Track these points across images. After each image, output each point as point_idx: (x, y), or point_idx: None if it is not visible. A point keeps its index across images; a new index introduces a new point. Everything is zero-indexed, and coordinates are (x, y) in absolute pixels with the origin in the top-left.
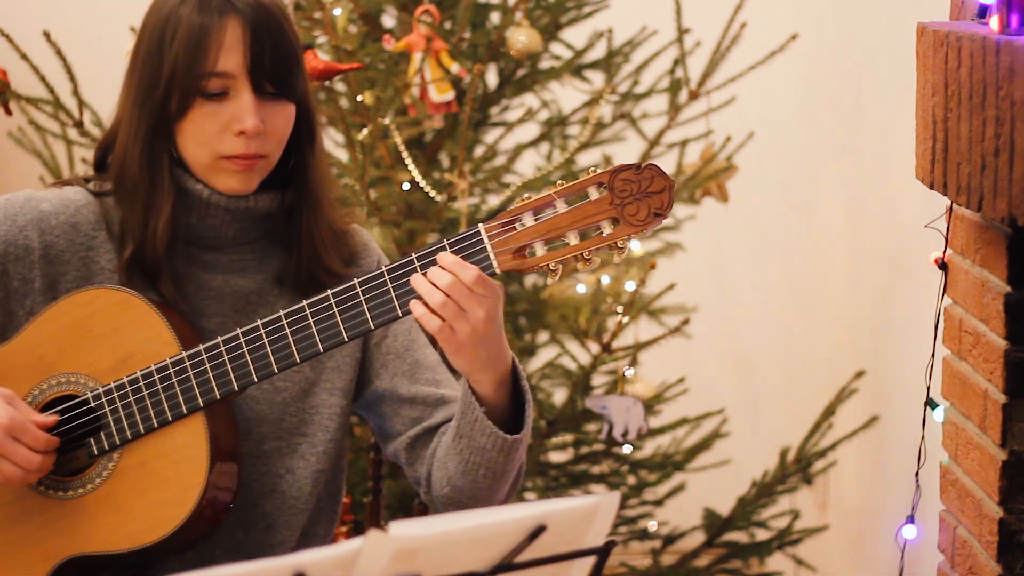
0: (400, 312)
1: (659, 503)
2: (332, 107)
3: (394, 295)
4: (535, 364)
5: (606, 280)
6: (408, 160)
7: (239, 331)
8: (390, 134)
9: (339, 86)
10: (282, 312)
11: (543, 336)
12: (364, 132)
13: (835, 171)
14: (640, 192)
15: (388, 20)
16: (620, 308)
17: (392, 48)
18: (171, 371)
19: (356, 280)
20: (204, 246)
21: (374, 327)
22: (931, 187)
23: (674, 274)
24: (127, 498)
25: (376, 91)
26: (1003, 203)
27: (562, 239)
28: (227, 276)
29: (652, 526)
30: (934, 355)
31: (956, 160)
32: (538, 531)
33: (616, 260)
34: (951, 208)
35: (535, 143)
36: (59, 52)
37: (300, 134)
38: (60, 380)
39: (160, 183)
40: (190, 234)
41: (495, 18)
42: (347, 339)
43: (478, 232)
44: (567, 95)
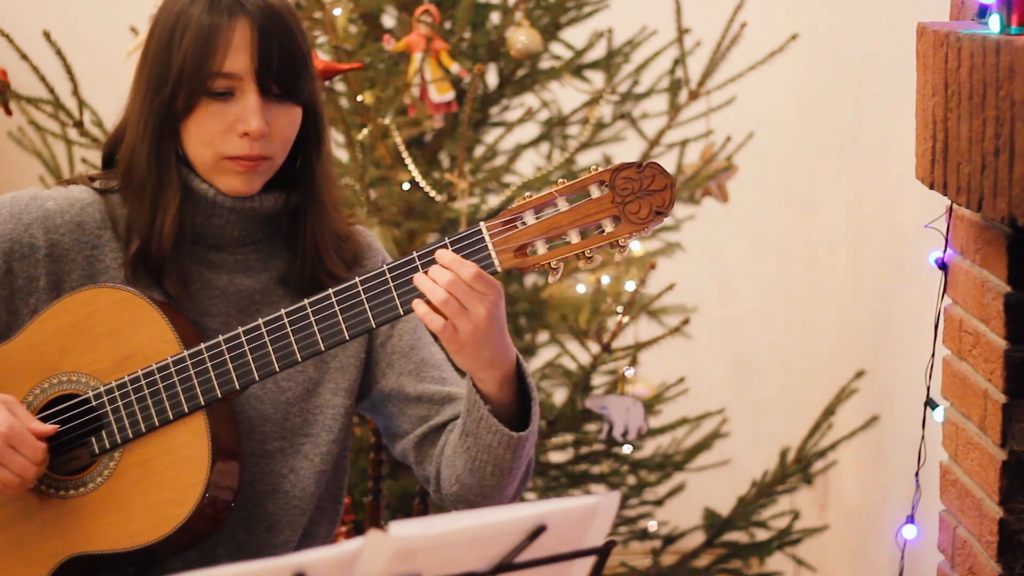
0: (401, 310)
1: (659, 503)
2: (332, 107)
3: (395, 293)
4: (535, 364)
5: (606, 280)
6: (408, 160)
7: (240, 330)
8: (390, 134)
9: (339, 86)
10: (284, 311)
11: (543, 336)
12: (364, 132)
13: (835, 171)
14: (641, 190)
15: (388, 20)
16: (620, 308)
17: (392, 48)
18: (172, 370)
19: (358, 279)
20: (209, 245)
21: (375, 325)
22: (931, 187)
23: (674, 274)
24: (128, 497)
25: (376, 91)
26: (1003, 203)
27: (563, 237)
28: (231, 276)
29: (652, 526)
30: (934, 355)
31: (956, 160)
32: (538, 531)
33: (617, 258)
34: (951, 208)
35: (535, 143)
36: (59, 52)
37: (307, 136)
38: (61, 379)
39: (167, 181)
40: (195, 233)
41: (495, 18)
42: (348, 337)
43: (479, 230)
44: (567, 95)
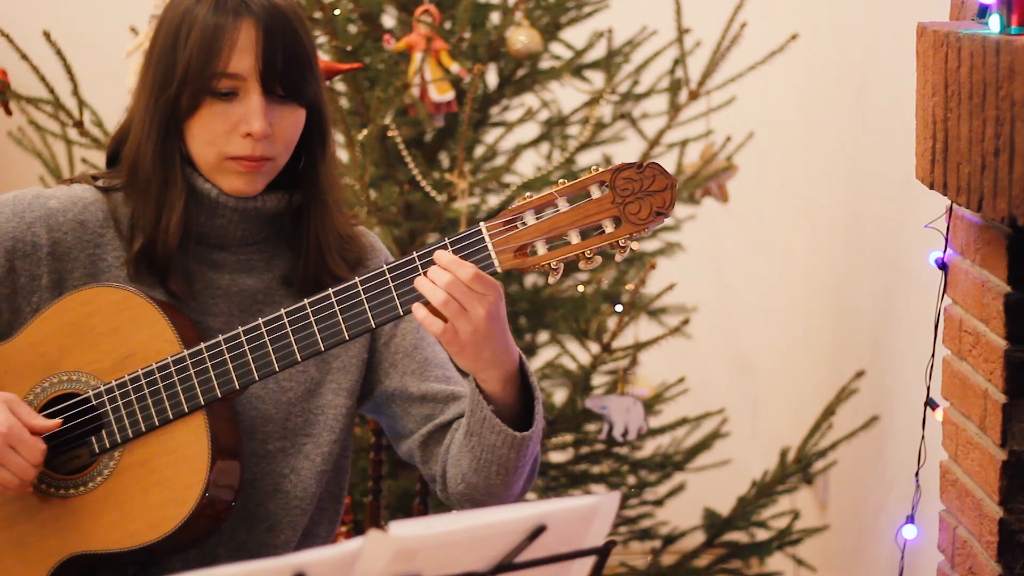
0: (401, 311)
1: (659, 503)
2: (332, 107)
3: (395, 294)
4: (535, 364)
5: (606, 280)
6: (408, 160)
7: (240, 329)
8: (390, 134)
9: (339, 86)
10: (283, 311)
11: (543, 336)
12: (364, 132)
13: (835, 171)
14: (642, 191)
15: (388, 20)
16: (620, 308)
17: (392, 48)
18: (172, 369)
19: (358, 279)
20: (212, 245)
21: (375, 325)
22: (931, 187)
23: (674, 274)
24: (128, 496)
25: (376, 91)
26: (1003, 203)
27: (564, 238)
28: (234, 275)
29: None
30: (934, 355)
31: (956, 160)
32: (538, 531)
33: (618, 259)
34: (951, 208)
35: (535, 143)
36: (59, 52)
37: (311, 137)
38: (62, 378)
39: (173, 180)
40: (198, 233)
41: (495, 18)
42: (348, 338)
43: (479, 231)
44: (567, 95)
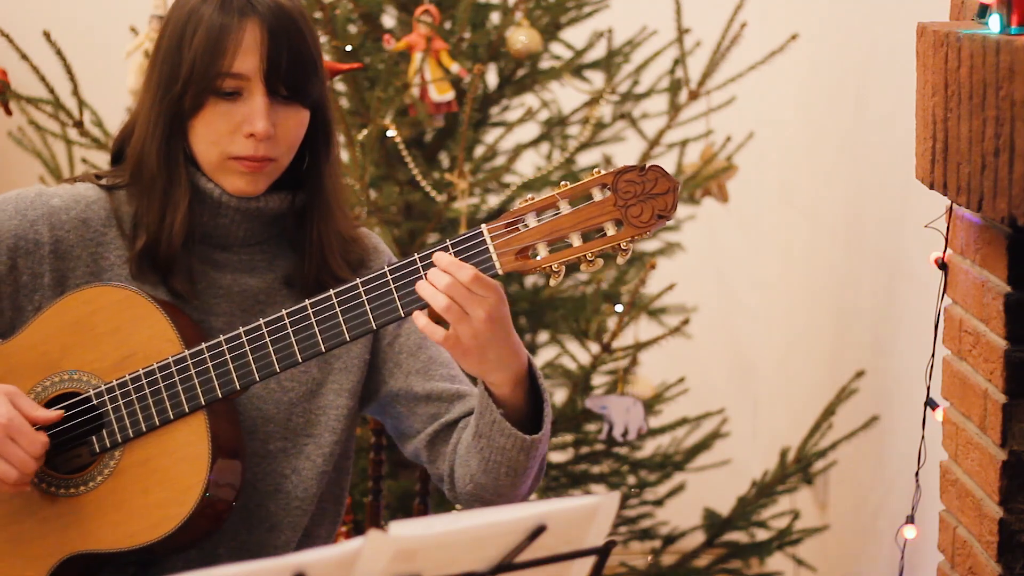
0: (402, 312)
1: (659, 503)
2: (332, 107)
3: (396, 295)
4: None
5: (606, 280)
6: (408, 160)
7: (241, 330)
8: (390, 134)
9: (339, 86)
10: (284, 311)
11: (543, 336)
12: (364, 132)
13: (835, 171)
14: (644, 194)
15: (388, 20)
16: (620, 308)
17: (392, 48)
18: (173, 369)
19: (359, 280)
20: (214, 245)
21: (376, 327)
22: (931, 187)
23: (674, 274)
24: (128, 496)
25: (376, 91)
26: (1003, 203)
27: (565, 240)
28: (236, 275)
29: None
30: (934, 355)
31: (956, 160)
32: (538, 531)
33: (619, 261)
34: (951, 208)
35: (535, 143)
36: (59, 52)
37: (315, 138)
38: (63, 377)
39: (177, 179)
40: (201, 232)
41: (495, 18)
42: (349, 339)
43: (481, 233)
44: (567, 95)
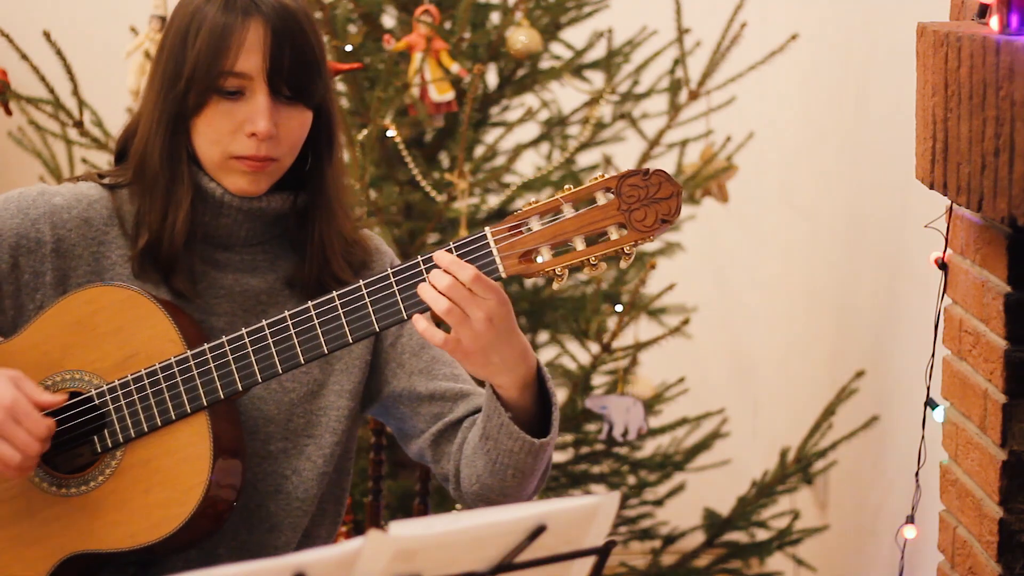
0: (405, 315)
1: (659, 503)
2: (336, 108)
3: (399, 298)
4: None
5: (606, 280)
6: (408, 160)
7: (244, 331)
8: (390, 134)
9: (339, 86)
10: (287, 313)
11: (543, 336)
12: (364, 132)
13: (835, 171)
14: (647, 198)
15: (388, 20)
16: (620, 308)
17: (392, 48)
18: (175, 370)
19: (362, 282)
20: (216, 244)
21: (379, 329)
22: (931, 187)
23: (674, 274)
24: (130, 496)
25: (376, 91)
26: (1003, 203)
27: (569, 244)
28: (238, 275)
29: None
30: (934, 355)
31: (956, 160)
32: (538, 531)
33: (623, 265)
34: (951, 208)
35: (535, 143)
36: (59, 52)
37: (318, 139)
38: (64, 377)
39: (179, 177)
40: (203, 232)
41: (495, 18)
42: (352, 341)
43: (484, 235)
44: (567, 95)
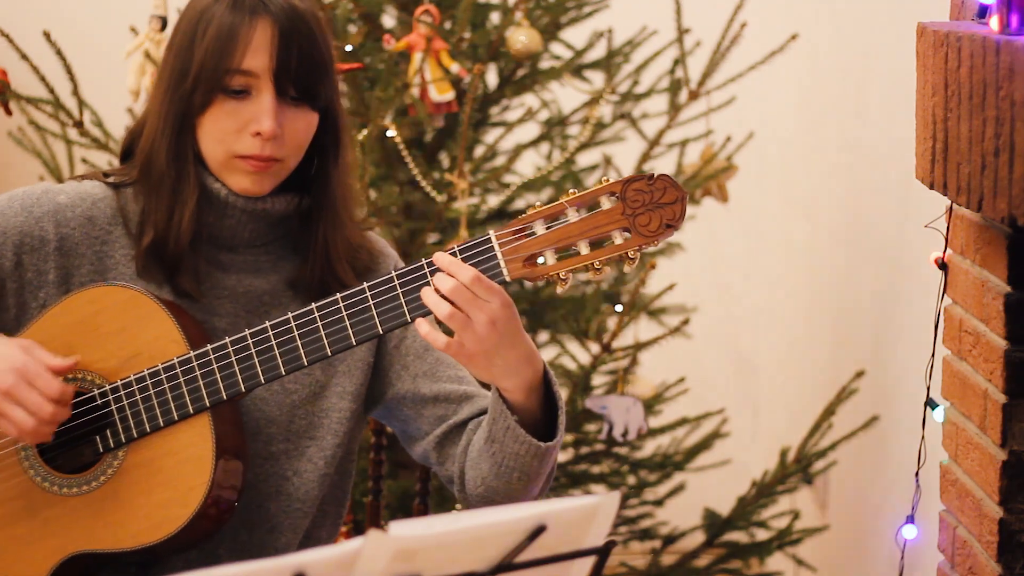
0: (409, 317)
1: (659, 503)
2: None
3: (403, 300)
4: None
5: (606, 280)
6: (408, 160)
7: (247, 332)
8: (390, 134)
9: (340, 86)
10: (291, 314)
11: (543, 336)
12: (364, 132)
13: (835, 171)
14: (652, 203)
15: (388, 20)
16: (620, 308)
17: (392, 48)
18: (178, 371)
19: (366, 284)
20: (220, 245)
21: (382, 331)
22: (931, 187)
23: (674, 274)
24: (132, 496)
25: (376, 91)
26: (1003, 203)
27: (573, 248)
28: (241, 276)
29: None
30: (934, 355)
31: (956, 160)
32: (538, 531)
33: (627, 270)
34: (951, 208)
35: (535, 143)
36: (59, 52)
37: (324, 143)
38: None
39: (185, 176)
40: (208, 232)
41: (495, 18)
42: (355, 343)
43: (489, 239)
44: (567, 95)
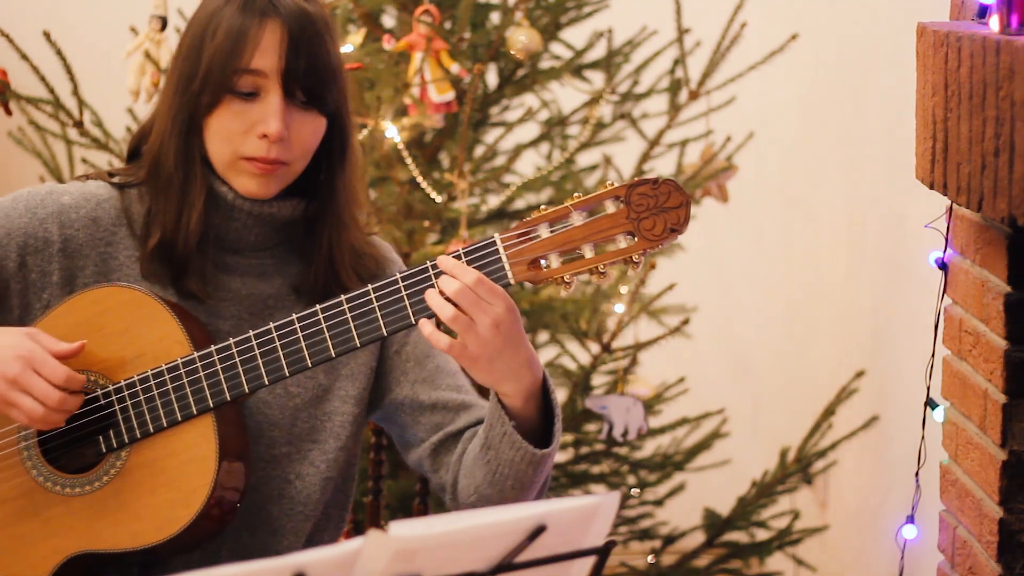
0: (413, 320)
1: (659, 503)
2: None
3: (408, 303)
4: None
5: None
6: (408, 160)
7: (251, 333)
8: (390, 134)
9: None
10: (295, 316)
11: (543, 336)
12: (364, 132)
13: (835, 171)
14: (656, 207)
15: (388, 20)
16: (620, 308)
17: (392, 48)
18: (182, 371)
19: (370, 286)
20: (225, 247)
21: (387, 334)
22: (931, 187)
23: (674, 274)
24: (134, 497)
25: (376, 91)
26: (1003, 203)
27: (577, 251)
28: (245, 279)
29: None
30: (934, 355)
31: (956, 160)
32: (538, 531)
33: (630, 274)
34: (951, 208)
35: (535, 143)
36: (59, 52)
37: (331, 148)
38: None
39: (193, 178)
40: (214, 235)
41: (495, 18)
42: (360, 345)
43: (494, 242)
44: (567, 95)
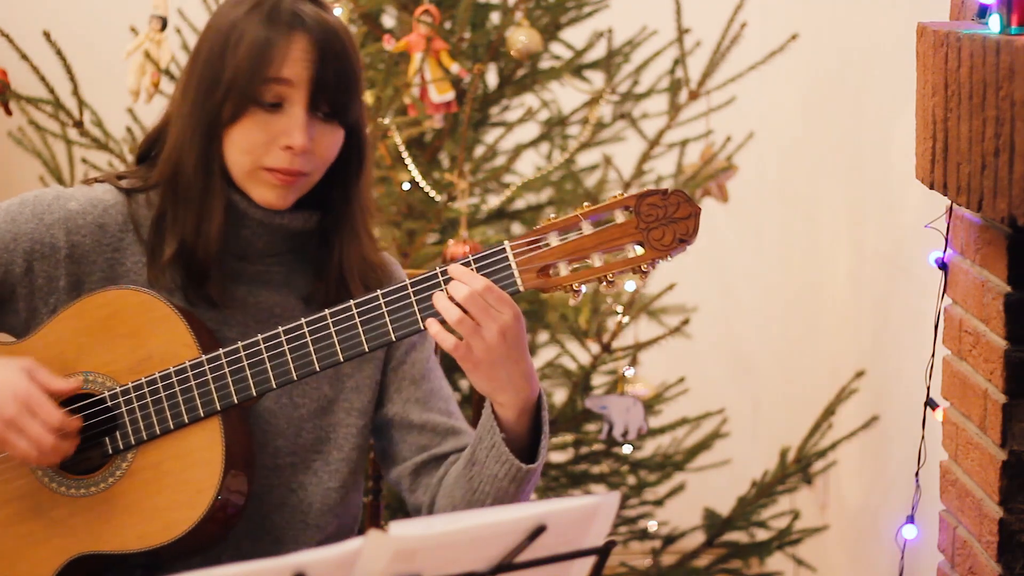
0: (421, 325)
1: (659, 503)
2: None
3: (416, 308)
4: (535, 364)
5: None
6: (408, 160)
7: (260, 336)
8: (390, 134)
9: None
10: (304, 320)
11: (543, 336)
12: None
13: (835, 171)
14: (666, 217)
15: (388, 20)
16: (620, 308)
17: (392, 48)
18: (189, 373)
19: (380, 291)
20: (232, 255)
21: (396, 339)
22: (931, 187)
23: (674, 274)
24: (139, 498)
25: (376, 91)
26: (1003, 203)
27: (586, 260)
28: (252, 287)
29: (652, 526)
30: (934, 355)
31: (956, 160)
32: (538, 531)
33: (639, 283)
34: (951, 208)
35: (535, 143)
36: (59, 52)
37: (348, 160)
38: (78, 378)
39: (212, 188)
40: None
41: (495, 18)
42: (368, 349)
43: (504, 249)
44: (567, 95)
